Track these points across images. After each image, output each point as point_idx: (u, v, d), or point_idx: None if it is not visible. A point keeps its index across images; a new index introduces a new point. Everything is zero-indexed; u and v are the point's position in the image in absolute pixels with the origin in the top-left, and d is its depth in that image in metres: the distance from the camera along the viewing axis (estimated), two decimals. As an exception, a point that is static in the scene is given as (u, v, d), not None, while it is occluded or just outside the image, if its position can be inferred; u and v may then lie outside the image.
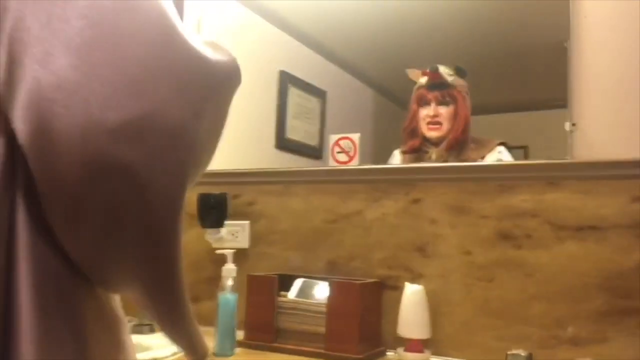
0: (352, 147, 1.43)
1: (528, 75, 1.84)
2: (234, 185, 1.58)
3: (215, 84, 0.39)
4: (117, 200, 0.35)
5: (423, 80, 1.83)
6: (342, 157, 1.44)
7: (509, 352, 0.97)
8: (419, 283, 1.28)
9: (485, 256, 1.26)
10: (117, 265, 0.39)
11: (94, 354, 0.39)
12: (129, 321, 1.38)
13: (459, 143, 1.76)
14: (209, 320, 1.30)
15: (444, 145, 1.76)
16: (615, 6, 1.19)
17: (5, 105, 0.34)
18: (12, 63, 0.33)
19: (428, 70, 1.85)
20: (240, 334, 1.33)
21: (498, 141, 1.74)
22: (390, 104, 2.65)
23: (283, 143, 2.40)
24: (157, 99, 0.34)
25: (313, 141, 2.37)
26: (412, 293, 1.25)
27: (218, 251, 1.35)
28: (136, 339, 1.29)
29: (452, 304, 1.28)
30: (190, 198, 1.54)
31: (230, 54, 0.43)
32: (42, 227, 0.36)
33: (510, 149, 1.76)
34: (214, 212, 1.51)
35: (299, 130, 2.51)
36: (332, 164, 1.45)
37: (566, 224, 1.19)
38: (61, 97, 0.32)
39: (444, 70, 1.85)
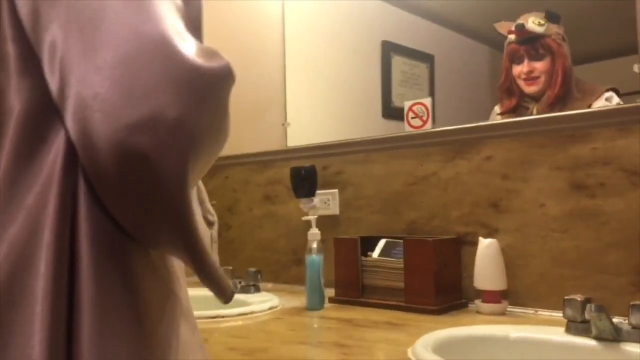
0: (425, 112, 1.48)
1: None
2: (323, 157, 1.71)
3: (208, 86, 0.50)
4: (139, 178, 0.47)
5: (512, 35, 1.78)
6: (416, 122, 1.50)
7: (565, 297, 1.00)
8: (495, 238, 1.32)
9: (560, 208, 1.26)
10: (153, 230, 0.51)
11: (143, 297, 0.52)
12: (239, 282, 1.58)
13: (559, 98, 1.71)
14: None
15: (544, 100, 1.72)
16: None
17: (61, 112, 0.49)
18: (63, 83, 0.48)
19: (514, 29, 1.80)
20: (331, 292, 1.47)
21: (606, 87, 1.66)
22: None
23: (390, 112, 2.47)
24: (161, 100, 0.46)
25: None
26: (485, 247, 1.30)
27: (304, 218, 1.49)
28: (243, 297, 1.48)
29: (528, 257, 1.30)
30: (285, 173, 1.71)
31: (224, 59, 0.53)
32: (96, 199, 0.50)
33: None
34: (305, 183, 1.66)
35: (407, 96, 2.56)
36: (407, 129, 1.52)
37: (639, 170, 1.16)
38: (96, 104, 0.45)
39: (532, 21, 1.78)
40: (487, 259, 1.29)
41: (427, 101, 1.48)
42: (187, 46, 0.49)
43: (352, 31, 2.31)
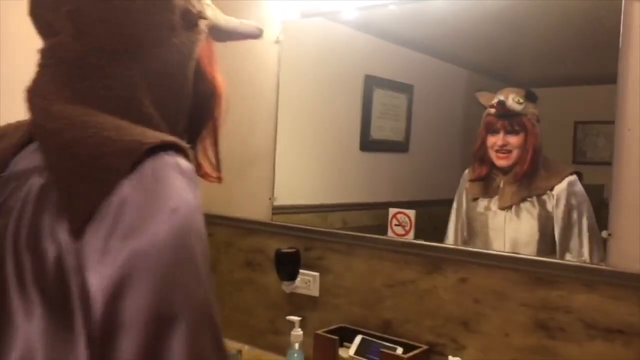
0: (408, 222, 1.58)
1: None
2: (307, 240, 1.79)
3: None
4: None
5: (492, 109, 1.89)
6: (399, 230, 1.59)
7: None
8: (462, 354, 1.45)
9: (522, 341, 1.39)
10: None
11: None
12: None
13: (526, 175, 1.83)
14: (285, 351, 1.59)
15: (511, 175, 1.84)
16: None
17: None
18: None
19: (495, 104, 1.91)
20: (308, 381, 1.59)
21: (570, 170, 1.79)
22: (489, 80, 2.65)
23: (368, 144, 2.55)
24: None
25: (399, 136, 2.50)
26: (453, 366, 1.43)
27: (288, 317, 1.59)
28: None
29: (490, 377, 1.44)
30: (267, 244, 1.79)
31: None
32: None
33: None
34: (288, 267, 1.75)
35: (385, 128, 2.63)
36: (390, 235, 1.61)
37: (597, 325, 1.29)
38: None
39: (513, 99, 1.88)
40: (453, 378, 1.42)
41: (411, 213, 1.58)
42: None
43: (335, 67, 2.35)
